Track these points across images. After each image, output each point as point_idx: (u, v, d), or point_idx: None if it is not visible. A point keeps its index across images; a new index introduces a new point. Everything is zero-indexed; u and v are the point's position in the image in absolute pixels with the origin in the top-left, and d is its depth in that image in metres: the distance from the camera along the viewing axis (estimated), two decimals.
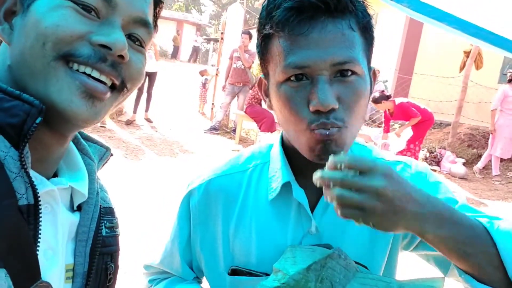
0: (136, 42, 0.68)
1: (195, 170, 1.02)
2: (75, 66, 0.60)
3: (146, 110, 8.75)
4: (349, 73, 0.76)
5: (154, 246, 1.06)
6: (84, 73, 0.60)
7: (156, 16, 0.74)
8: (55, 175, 0.70)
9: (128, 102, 8.74)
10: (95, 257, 0.70)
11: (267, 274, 0.87)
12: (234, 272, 0.90)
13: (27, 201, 0.58)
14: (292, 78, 0.77)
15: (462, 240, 0.70)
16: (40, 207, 0.59)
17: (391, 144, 6.98)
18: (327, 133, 0.75)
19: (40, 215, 0.59)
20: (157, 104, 9.53)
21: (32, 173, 0.60)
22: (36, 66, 0.59)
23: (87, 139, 0.78)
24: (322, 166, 0.86)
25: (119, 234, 0.78)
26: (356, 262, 0.87)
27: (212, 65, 13.54)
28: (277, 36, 0.78)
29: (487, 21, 1.81)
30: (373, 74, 0.87)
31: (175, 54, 27.18)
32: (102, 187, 0.79)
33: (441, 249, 0.72)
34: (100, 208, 0.74)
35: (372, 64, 0.86)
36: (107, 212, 0.77)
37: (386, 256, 0.94)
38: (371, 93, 0.86)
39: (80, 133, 0.77)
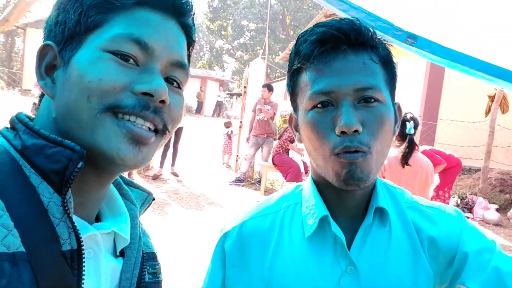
0: (174, 84, 0.70)
1: (222, 222, 1.02)
2: (120, 115, 0.62)
3: (172, 165, 8.86)
4: (372, 100, 0.81)
5: None
6: (129, 120, 0.62)
7: (189, 55, 0.77)
8: (98, 220, 0.71)
9: (154, 157, 8.89)
10: None
11: None
12: None
13: (71, 246, 0.58)
14: (318, 105, 0.82)
15: None
16: (83, 252, 0.59)
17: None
18: (352, 157, 0.78)
19: (83, 260, 0.59)
20: (183, 158, 9.65)
21: (75, 218, 0.61)
22: (82, 118, 0.61)
23: (129, 184, 0.79)
24: (353, 201, 0.87)
25: (161, 280, 0.78)
26: None
27: (234, 117, 13.73)
28: (304, 69, 0.85)
29: (510, 62, 1.82)
30: (398, 109, 0.90)
31: (199, 110, 27.78)
32: (144, 232, 0.80)
33: None
34: (143, 253, 0.74)
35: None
36: (150, 258, 0.77)
37: None
38: (396, 127, 0.89)
39: (122, 179, 0.78)
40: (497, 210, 7.81)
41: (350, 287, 0.86)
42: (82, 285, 0.59)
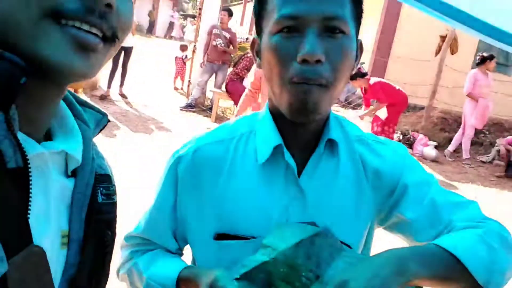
0: None
1: (171, 147, 1.00)
2: (63, 21, 0.57)
3: (121, 85, 8.59)
4: (338, 31, 0.80)
5: (131, 219, 1.04)
6: (74, 26, 0.57)
7: None
8: (49, 139, 0.68)
9: (102, 76, 8.56)
10: (91, 225, 0.68)
11: (254, 237, 0.88)
12: (220, 237, 0.90)
13: (16, 164, 0.56)
14: (284, 30, 0.81)
15: (437, 274, 0.76)
16: (30, 170, 0.57)
17: (367, 126, 7.07)
18: (308, 88, 0.79)
19: (30, 178, 0.57)
20: (133, 79, 9.36)
21: (22, 136, 0.58)
22: (22, 26, 0.55)
23: (83, 104, 0.75)
24: (306, 132, 0.89)
25: (116, 202, 0.76)
26: (341, 242, 0.88)
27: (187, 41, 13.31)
28: None
29: (464, 4, 1.82)
30: (360, 46, 0.91)
31: (150, 29, 26.65)
32: (98, 154, 0.78)
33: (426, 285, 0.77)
34: (96, 175, 0.72)
35: None
36: (103, 179, 0.75)
37: (368, 226, 0.97)
38: (356, 63, 0.89)
39: (75, 98, 0.74)
40: (436, 147, 8.25)
41: (297, 212, 0.90)
42: (30, 204, 0.57)
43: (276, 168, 0.91)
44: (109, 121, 0.79)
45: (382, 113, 6.91)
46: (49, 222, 0.62)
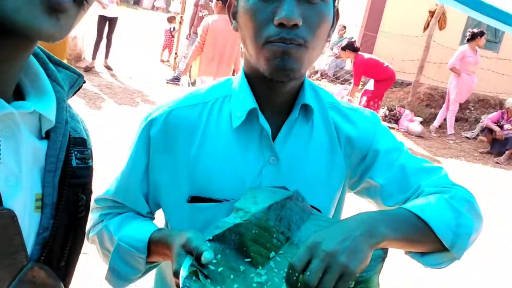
0: None
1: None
2: None
3: (106, 57, 8.46)
4: None
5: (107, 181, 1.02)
6: None
7: None
8: (23, 99, 0.65)
9: (86, 47, 8.40)
10: (65, 188, 0.67)
11: (227, 200, 0.89)
12: (194, 200, 0.90)
13: None
14: None
15: (406, 236, 0.78)
16: None
17: (354, 101, 7.08)
18: (286, 46, 0.79)
19: None
20: (117, 51, 9.20)
21: None
22: None
23: (57, 64, 0.73)
24: (281, 96, 0.90)
25: (91, 166, 0.75)
26: (311, 206, 0.90)
27: (173, 12, 13.07)
28: None
29: None
30: (336, 12, 0.91)
31: (137, 1, 26.13)
32: (73, 116, 0.76)
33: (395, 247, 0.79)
34: (70, 138, 0.70)
35: (339, 22, 0.93)
36: (77, 143, 0.73)
37: (339, 191, 0.98)
38: (331, 30, 0.89)
39: (49, 58, 0.72)
40: (421, 123, 8.32)
41: (270, 176, 0.91)
42: None
43: (250, 132, 0.91)
44: (84, 82, 0.76)
45: (370, 86, 6.94)
46: (20, 185, 0.61)
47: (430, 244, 0.81)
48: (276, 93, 0.90)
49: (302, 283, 0.68)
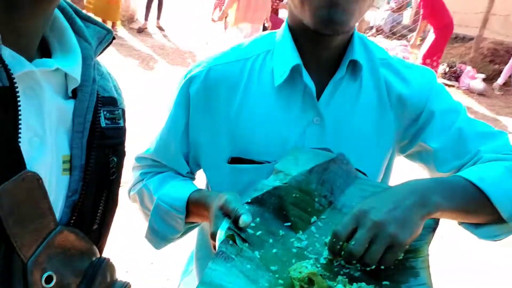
0: None
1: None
2: None
3: (158, 18, 8.51)
4: None
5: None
6: None
7: None
8: (49, 57, 0.64)
9: (139, 9, 8.47)
10: (93, 150, 0.65)
11: (269, 162, 0.86)
12: (234, 161, 0.89)
13: (1, 83, 0.53)
14: None
15: (461, 206, 0.73)
16: (17, 90, 0.53)
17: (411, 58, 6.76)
18: None
19: (19, 99, 0.54)
20: (169, 12, 9.21)
21: (9, 52, 0.54)
22: None
23: (86, 19, 0.70)
24: (327, 52, 0.84)
25: (122, 126, 0.73)
26: (356, 169, 0.86)
27: None
28: None
29: None
30: None
31: None
32: (103, 75, 0.73)
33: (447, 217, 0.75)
34: (98, 97, 0.68)
35: None
36: (107, 102, 0.70)
37: (388, 154, 0.92)
38: None
39: (77, 13, 0.69)
40: (484, 80, 7.84)
41: (314, 136, 0.87)
42: (19, 125, 0.54)
43: (293, 90, 0.86)
44: (114, 38, 0.74)
45: (428, 42, 6.59)
46: (45, 146, 0.59)
47: (487, 215, 0.76)
48: (321, 48, 0.85)
49: (346, 252, 0.65)
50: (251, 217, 0.69)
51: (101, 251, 0.72)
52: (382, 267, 0.66)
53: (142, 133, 3.80)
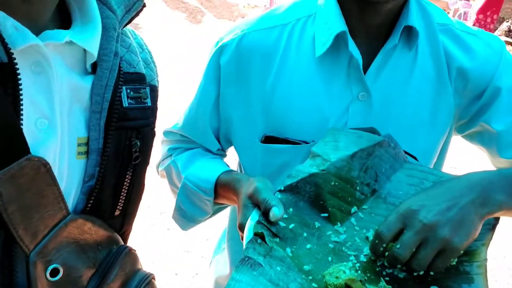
0: None
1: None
2: None
3: None
4: None
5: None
6: None
7: None
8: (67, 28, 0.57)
9: None
10: (111, 132, 0.59)
11: (306, 142, 0.78)
12: (268, 140, 0.81)
13: None
14: None
15: None
16: (16, 66, 0.48)
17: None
18: None
19: (19, 76, 0.48)
20: None
21: (12, 23, 0.48)
22: None
23: None
24: (378, 17, 0.73)
25: (149, 106, 0.65)
26: (405, 152, 0.76)
27: None
28: None
29: None
30: None
31: None
32: (130, 48, 0.65)
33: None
34: (120, 73, 0.61)
35: None
36: (131, 79, 0.63)
37: (445, 135, 0.82)
38: None
39: None
40: None
41: (358, 115, 0.78)
42: (21, 105, 0.49)
43: (337, 61, 0.76)
44: (144, 5, 0.66)
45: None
46: (54, 128, 0.53)
47: None
48: (371, 13, 0.73)
49: (390, 255, 0.58)
50: (283, 210, 0.61)
51: (125, 239, 0.68)
52: (432, 273, 0.58)
53: (183, 91, 3.78)
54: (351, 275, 0.55)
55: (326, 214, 0.67)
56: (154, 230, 2.45)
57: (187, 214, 0.88)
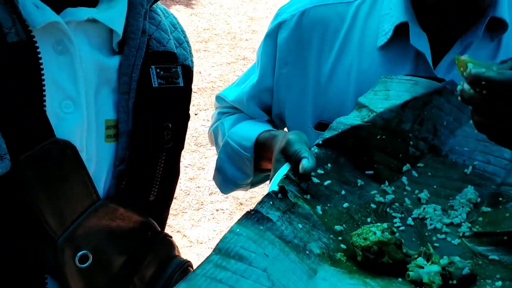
0: None
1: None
2: None
3: None
4: None
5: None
6: None
7: None
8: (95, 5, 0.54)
9: None
10: (139, 114, 0.57)
11: None
12: (321, 127, 0.74)
13: (18, 37, 0.45)
14: None
15: None
16: (36, 45, 0.46)
17: None
18: None
19: (40, 56, 0.46)
20: None
21: (32, 0, 0.46)
22: None
23: None
24: (459, 2, 0.61)
25: (182, 87, 0.62)
26: None
27: None
28: None
29: None
30: None
31: None
32: (160, 25, 0.62)
33: None
34: (149, 52, 0.58)
35: None
36: (161, 58, 0.60)
37: None
38: None
39: None
40: None
41: None
42: (43, 86, 0.47)
43: (402, 52, 0.68)
44: None
45: None
46: (79, 110, 0.51)
47: None
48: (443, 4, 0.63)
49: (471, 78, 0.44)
50: (313, 162, 0.54)
51: (162, 225, 0.65)
52: None
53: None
54: (383, 237, 0.46)
55: (371, 172, 0.58)
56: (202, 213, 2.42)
57: (228, 176, 0.83)
